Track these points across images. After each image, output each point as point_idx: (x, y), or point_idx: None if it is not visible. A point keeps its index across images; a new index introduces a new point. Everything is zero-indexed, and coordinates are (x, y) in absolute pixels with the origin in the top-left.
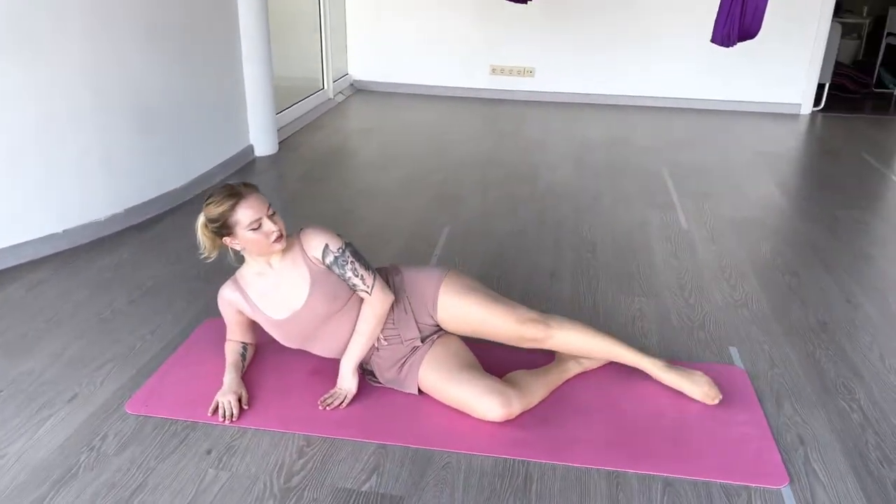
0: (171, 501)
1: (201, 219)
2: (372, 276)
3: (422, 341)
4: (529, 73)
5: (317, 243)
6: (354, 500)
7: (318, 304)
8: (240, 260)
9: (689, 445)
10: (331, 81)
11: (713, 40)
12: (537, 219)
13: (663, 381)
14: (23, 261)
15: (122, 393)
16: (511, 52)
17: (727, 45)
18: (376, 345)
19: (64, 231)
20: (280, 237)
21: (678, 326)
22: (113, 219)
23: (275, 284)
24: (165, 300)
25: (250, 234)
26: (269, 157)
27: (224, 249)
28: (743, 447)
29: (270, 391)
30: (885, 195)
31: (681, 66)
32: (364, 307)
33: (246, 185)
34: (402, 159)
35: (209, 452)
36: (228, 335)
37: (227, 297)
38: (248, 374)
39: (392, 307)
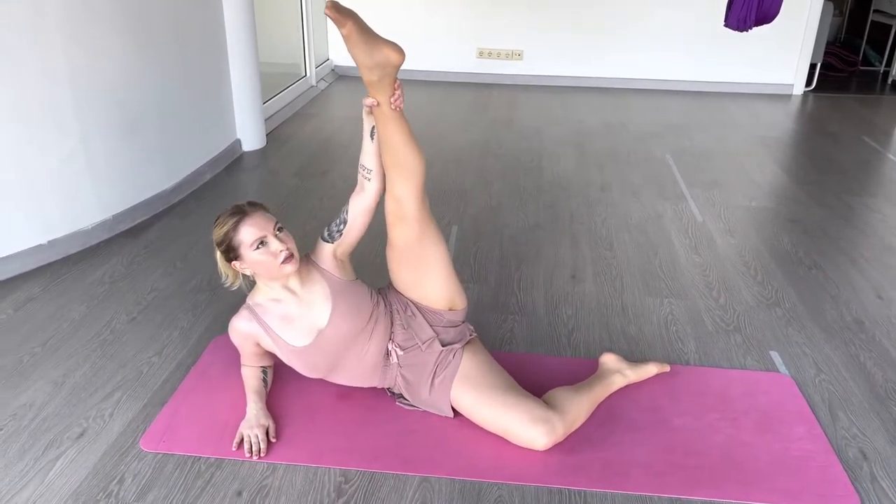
0: None
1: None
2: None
3: (443, 345)
4: (518, 56)
5: (320, 244)
6: None
7: (342, 320)
8: (250, 286)
9: (750, 465)
10: (313, 68)
11: (727, 24)
12: (548, 213)
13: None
14: (8, 275)
15: (135, 426)
16: (498, 35)
17: (742, 29)
18: (395, 359)
19: (49, 242)
20: (290, 257)
21: (713, 330)
22: (101, 226)
23: (297, 309)
24: (169, 315)
25: (256, 255)
26: (258, 151)
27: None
28: (805, 466)
29: (297, 419)
30: (893, 180)
31: (672, 47)
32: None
33: (252, 203)
34: None
35: (240, 494)
36: (244, 361)
37: (243, 330)
38: (271, 401)
39: (396, 312)
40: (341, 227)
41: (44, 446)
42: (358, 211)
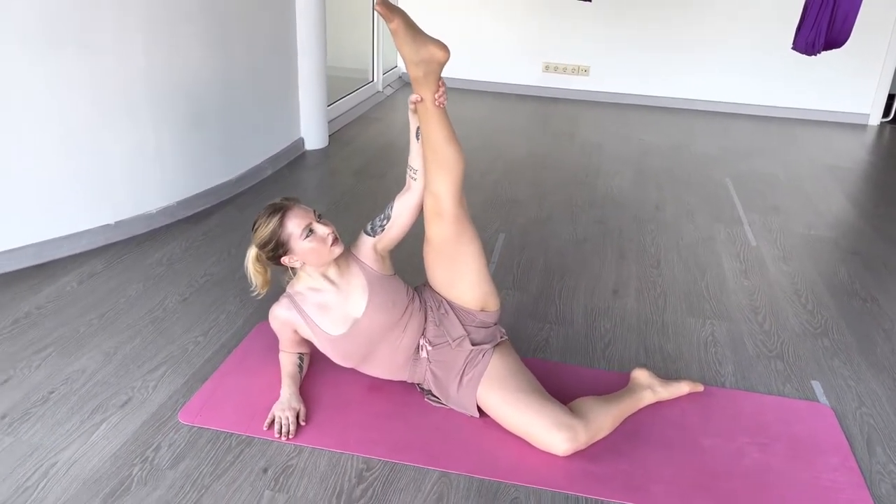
0: None
1: (251, 253)
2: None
3: (473, 344)
4: (584, 71)
5: (362, 237)
6: None
7: (378, 311)
8: (290, 278)
9: (776, 491)
10: (380, 74)
11: (795, 47)
12: (598, 228)
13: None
14: (77, 251)
15: (176, 399)
16: (566, 50)
17: (810, 54)
18: (424, 354)
19: (116, 223)
20: (336, 239)
21: (754, 355)
22: (164, 211)
23: (334, 298)
24: (218, 299)
25: (306, 244)
26: (320, 150)
27: (274, 278)
28: (834, 497)
29: (328, 406)
30: None
31: (742, 69)
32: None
33: (286, 198)
34: None
35: (265, 471)
36: (282, 347)
37: (282, 317)
38: (305, 387)
39: (430, 309)
40: (384, 222)
41: (90, 410)
42: (402, 208)
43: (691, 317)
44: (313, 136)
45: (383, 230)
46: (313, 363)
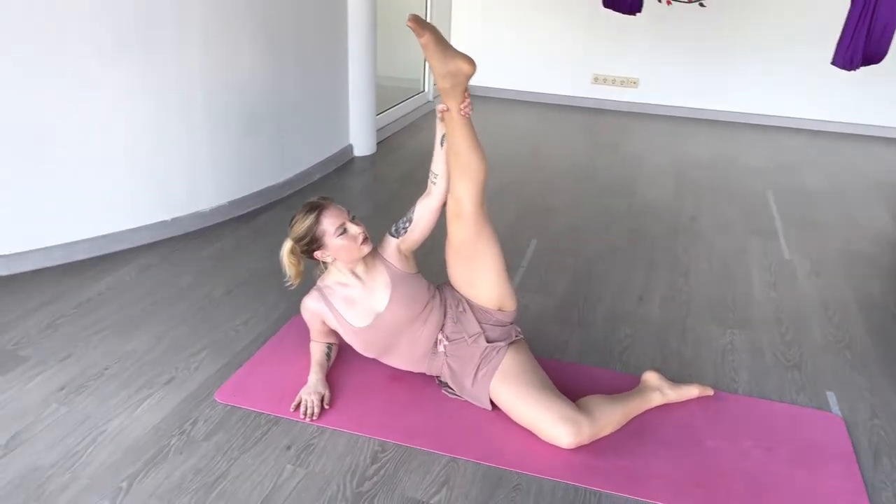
0: (250, 493)
1: (287, 246)
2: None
3: (488, 341)
4: (633, 83)
5: (387, 238)
6: None
7: (399, 307)
8: (322, 273)
9: (773, 495)
10: (431, 84)
11: (834, 63)
12: (630, 237)
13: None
14: (136, 244)
15: (214, 380)
16: (615, 62)
17: (849, 69)
18: (441, 348)
19: (172, 219)
20: (366, 238)
21: (771, 364)
22: (217, 210)
23: (360, 292)
24: (259, 293)
25: (339, 241)
26: (368, 157)
27: (305, 272)
28: (832, 502)
29: (351, 393)
30: None
31: (791, 83)
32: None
33: (323, 198)
34: (498, 167)
35: (289, 448)
36: (313, 337)
37: (312, 308)
38: (331, 374)
39: (449, 307)
40: (407, 224)
41: (138, 387)
42: (423, 211)
43: (713, 325)
44: (361, 143)
45: (406, 232)
46: (340, 354)
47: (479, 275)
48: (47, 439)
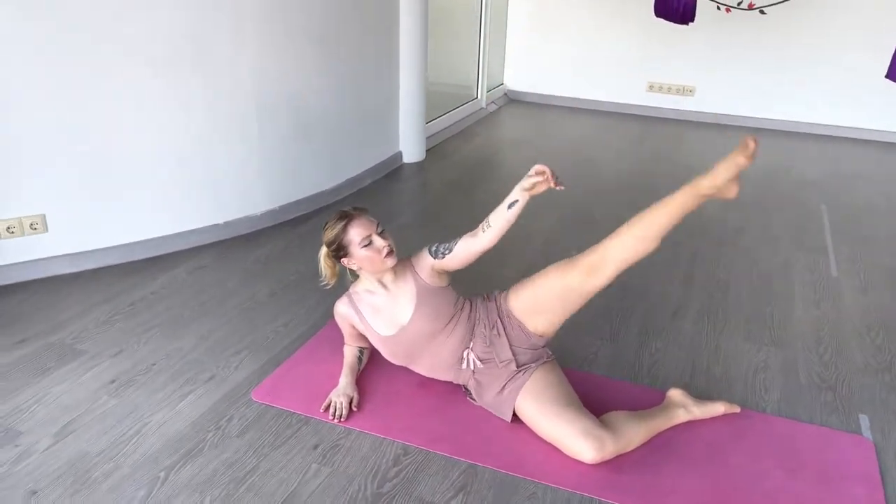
0: (277, 488)
1: (323, 249)
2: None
3: (517, 366)
4: (689, 91)
5: (424, 252)
6: None
7: (423, 321)
8: (355, 278)
9: None
10: (484, 91)
11: (889, 76)
12: (671, 251)
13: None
14: (190, 246)
15: (252, 379)
16: (671, 70)
17: None
18: (472, 367)
19: (225, 222)
20: (391, 252)
21: (805, 384)
22: (268, 214)
23: (385, 302)
24: (301, 296)
25: (363, 252)
26: (417, 163)
27: (341, 276)
28: None
29: (379, 397)
30: None
31: (852, 93)
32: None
33: (356, 208)
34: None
35: (316, 447)
36: (346, 340)
37: (342, 312)
38: (362, 378)
39: (483, 326)
40: (446, 252)
41: (181, 383)
42: (465, 250)
43: (747, 342)
44: (411, 150)
45: (443, 258)
46: (372, 359)
47: (552, 312)
48: (96, 429)
